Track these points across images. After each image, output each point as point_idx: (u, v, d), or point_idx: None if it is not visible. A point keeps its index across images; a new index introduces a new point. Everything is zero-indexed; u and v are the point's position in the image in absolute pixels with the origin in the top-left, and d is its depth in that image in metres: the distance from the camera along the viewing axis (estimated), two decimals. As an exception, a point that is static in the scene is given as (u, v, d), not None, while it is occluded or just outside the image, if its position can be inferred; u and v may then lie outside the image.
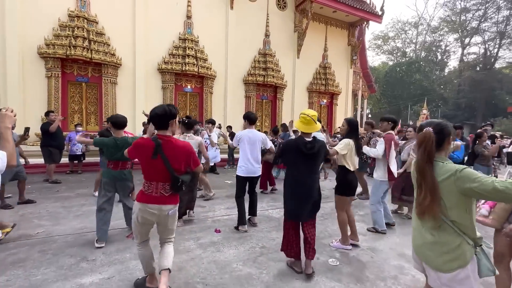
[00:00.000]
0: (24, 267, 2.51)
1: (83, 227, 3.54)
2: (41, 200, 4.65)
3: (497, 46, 30.80)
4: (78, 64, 7.73)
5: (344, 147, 3.03)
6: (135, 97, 8.38)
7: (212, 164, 7.14)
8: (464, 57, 34.22)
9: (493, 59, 31.38)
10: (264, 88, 10.58)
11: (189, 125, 3.87)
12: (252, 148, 3.63)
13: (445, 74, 37.17)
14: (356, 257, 2.99)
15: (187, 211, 3.92)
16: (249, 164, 3.60)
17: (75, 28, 7.35)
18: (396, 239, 3.53)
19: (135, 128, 7.85)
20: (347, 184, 3.09)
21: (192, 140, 3.70)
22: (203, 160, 3.80)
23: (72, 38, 7.32)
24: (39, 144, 6.21)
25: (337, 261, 2.85)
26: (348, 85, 12.80)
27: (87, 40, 7.51)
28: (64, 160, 6.80)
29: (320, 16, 11.43)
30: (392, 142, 3.56)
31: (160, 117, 1.93)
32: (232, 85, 9.87)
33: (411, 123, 22.75)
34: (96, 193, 4.60)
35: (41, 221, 3.72)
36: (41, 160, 6.11)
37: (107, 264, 2.62)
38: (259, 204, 4.25)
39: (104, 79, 7.88)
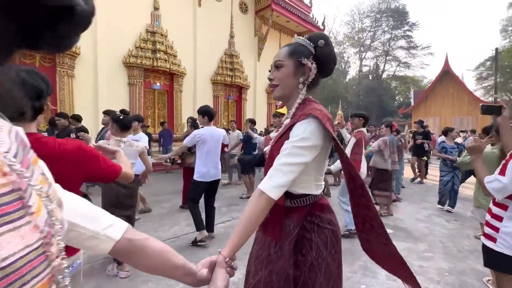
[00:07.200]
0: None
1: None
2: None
3: (383, 61, 39.33)
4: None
5: None
6: (98, 94, 7.24)
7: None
8: (362, 68, 42.17)
9: (381, 71, 39.91)
10: (230, 88, 10.73)
11: (125, 125, 2.60)
12: (215, 148, 3.32)
13: (347, 81, 44.90)
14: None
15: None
16: (210, 167, 3.25)
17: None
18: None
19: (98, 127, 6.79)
20: None
21: (131, 148, 2.60)
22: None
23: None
24: None
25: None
26: (297, 88, 14.22)
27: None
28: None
29: (275, 24, 12.33)
30: (363, 141, 3.48)
31: None
32: (201, 84, 9.65)
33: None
34: None
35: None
36: None
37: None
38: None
39: (59, 70, 6.53)
